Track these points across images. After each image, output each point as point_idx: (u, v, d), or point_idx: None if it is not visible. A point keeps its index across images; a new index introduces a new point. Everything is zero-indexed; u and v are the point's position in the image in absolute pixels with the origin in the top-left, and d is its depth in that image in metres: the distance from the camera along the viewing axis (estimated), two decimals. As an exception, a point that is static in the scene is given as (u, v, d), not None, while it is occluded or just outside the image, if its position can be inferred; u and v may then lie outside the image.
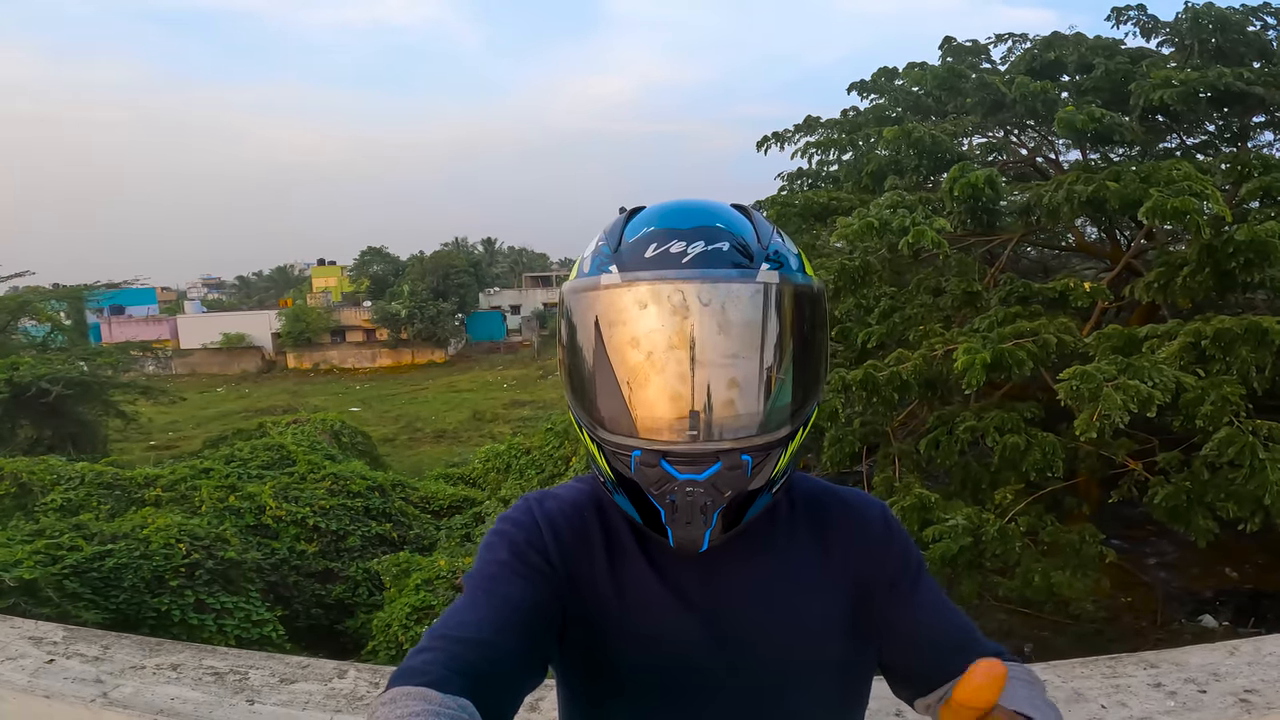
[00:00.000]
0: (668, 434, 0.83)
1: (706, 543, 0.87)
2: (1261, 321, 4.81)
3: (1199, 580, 7.60)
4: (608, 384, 0.86)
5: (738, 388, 0.84)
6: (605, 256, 0.87)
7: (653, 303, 0.82)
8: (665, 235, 0.85)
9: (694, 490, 0.83)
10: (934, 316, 6.87)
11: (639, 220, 0.90)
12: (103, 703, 1.87)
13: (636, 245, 0.86)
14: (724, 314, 0.82)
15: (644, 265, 0.84)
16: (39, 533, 8.07)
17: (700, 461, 0.82)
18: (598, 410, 0.88)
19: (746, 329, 0.83)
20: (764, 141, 9.38)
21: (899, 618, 0.97)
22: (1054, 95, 8.03)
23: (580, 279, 0.89)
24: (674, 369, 0.82)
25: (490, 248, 68.54)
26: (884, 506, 1.05)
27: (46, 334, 21.83)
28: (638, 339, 0.83)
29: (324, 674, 1.99)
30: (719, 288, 0.82)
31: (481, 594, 0.86)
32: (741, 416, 0.84)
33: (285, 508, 10.56)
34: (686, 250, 0.83)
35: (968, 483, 6.02)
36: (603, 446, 0.88)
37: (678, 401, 0.83)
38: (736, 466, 0.83)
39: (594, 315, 0.86)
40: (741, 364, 0.83)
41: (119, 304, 47.15)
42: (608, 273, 0.85)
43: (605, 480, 0.91)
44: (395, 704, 0.68)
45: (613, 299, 0.84)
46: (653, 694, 0.92)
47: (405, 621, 8.00)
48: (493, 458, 14.15)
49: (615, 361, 0.85)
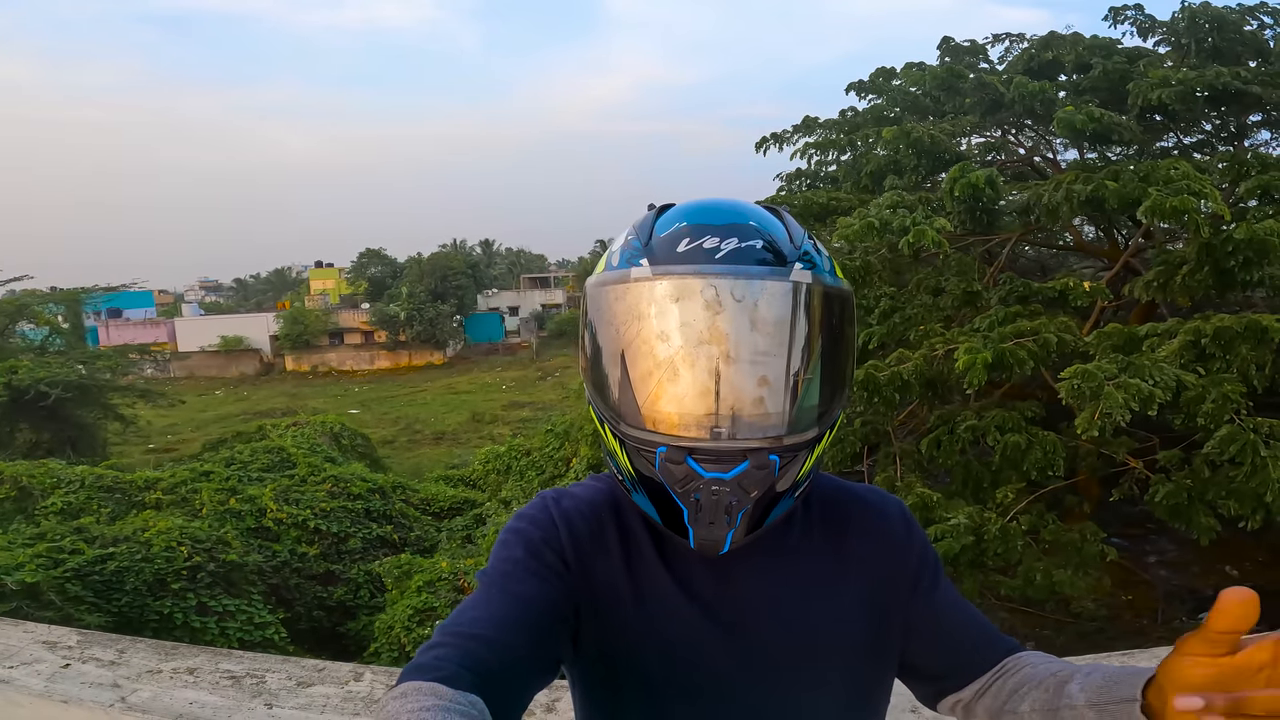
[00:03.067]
0: (695, 430, 0.82)
1: (728, 544, 0.85)
2: (1261, 319, 4.83)
3: (1199, 578, 7.62)
4: (634, 379, 0.85)
5: (768, 386, 0.82)
6: (636, 250, 0.86)
7: (685, 296, 0.81)
8: (698, 231, 0.85)
9: (719, 489, 0.82)
10: (934, 316, 6.88)
11: (670, 216, 0.89)
12: (121, 707, 1.88)
13: (669, 240, 0.85)
14: (756, 311, 0.81)
15: (676, 259, 0.83)
16: (40, 536, 8.06)
17: (727, 460, 0.81)
18: (622, 406, 0.86)
19: (778, 327, 0.82)
20: (763, 142, 9.40)
21: (922, 617, 0.97)
22: (1052, 95, 8.05)
23: (609, 272, 0.88)
24: (704, 364, 0.81)
25: (488, 249, 68.50)
26: (902, 505, 1.04)
27: (44, 337, 21.76)
28: (668, 333, 0.82)
29: (340, 677, 1.99)
30: (753, 284, 0.81)
31: (495, 591, 0.86)
32: (771, 416, 0.83)
33: (286, 510, 10.54)
34: (720, 246, 0.83)
35: (969, 482, 6.04)
36: (625, 442, 0.86)
37: (707, 398, 0.81)
38: (764, 466, 0.82)
39: (623, 308, 0.85)
40: (772, 362, 0.82)
41: (116, 307, 47.08)
42: (638, 266, 0.84)
43: (625, 479, 0.90)
44: (406, 698, 0.67)
45: (644, 292, 0.83)
46: (667, 695, 0.92)
47: (407, 623, 7.99)
48: (493, 459, 14.12)
49: (644, 354, 0.83)
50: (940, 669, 0.98)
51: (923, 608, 0.97)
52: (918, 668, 1.00)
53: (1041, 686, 0.86)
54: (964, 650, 0.96)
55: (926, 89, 9.27)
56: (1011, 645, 0.97)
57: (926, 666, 0.99)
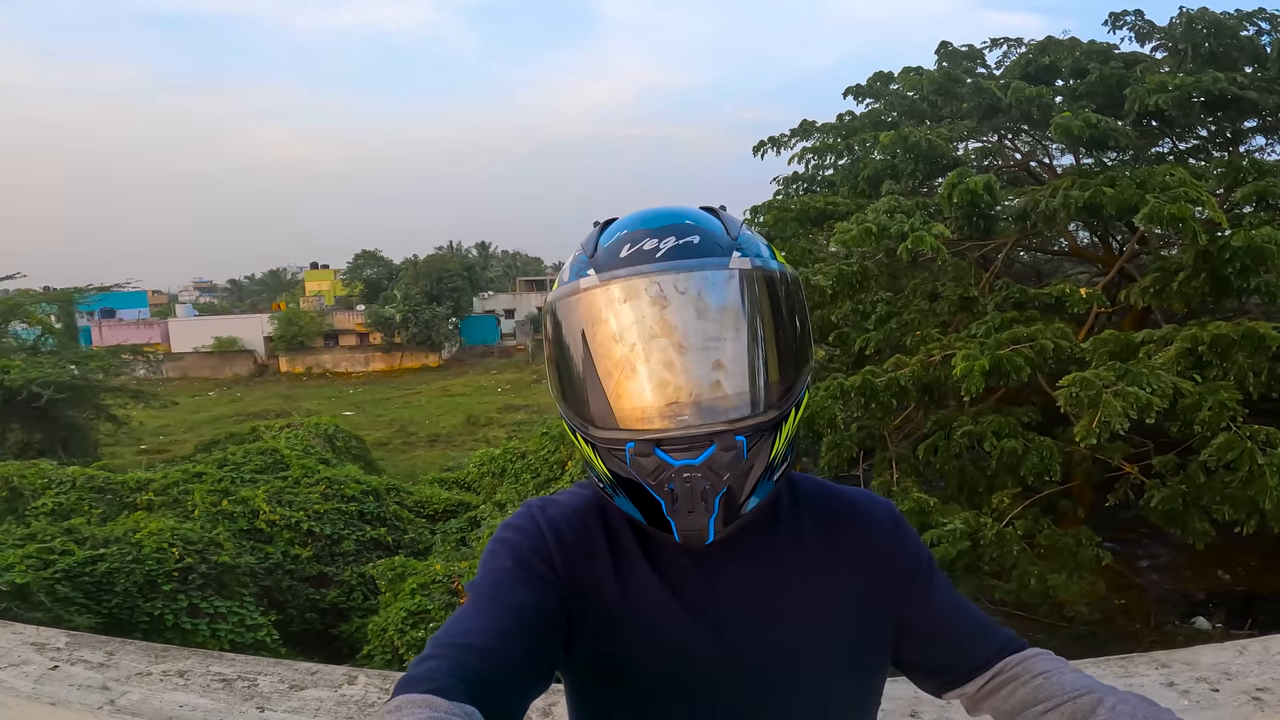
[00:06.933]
0: (659, 421, 0.84)
1: (712, 533, 0.87)
2: (1258, 327, 4.84)
3: (1192, 582, 7.64)
4: (596, 382, 0.87)
5: (723, 369, 0.85)
6: (583, 263, 0.90)
7: (632, 297, 0.85)
8: (638, 235, 0.88)
9: (692, 476, 0.83)
10: (930, 321, 6.89)
11: (612, 228, 0.93)
12: (110, 710, 1.85)
13: (612, 248, 0.88)
14: (701, 300, 0.85)
15: (620, 264, 0.86)
16: (30, 537, 7.99)
17: (695, 446, 0.83)
18: (588, 410, 0.89)
19: (725, 313, 0.86)
20: (760, 146, 9.42)
21: (916, 616, 0.98)
22: (1049, 100, 8.07)
23: (561, 287, 0.91)
24: (658, 357, 0.84)
25: (484, 252, 68.51)
26: (892, 506, 1.05)
27: (37, 337, 21.62)
28: (621, 333, 0.85)
29: (334, 680, 1.97)
30: (694, 276, 0.85)
31: (486, 601, 0.87)
32: (730, 397, 0.85)
33: (279, 512, 10.49)
34: (659, 246, 0.86)
35: (965, 487, 6.05)
36: (597, 446, 0.89)
37: (665, 388, 0.84)
38: (731, 448, 0.84)
39: (577, 318, 0.88)
40: (724, 346, 0.85)
41: (110, 307, 46.90)
42: (586, 276, 0.87)
43: (604, 483, 0.92)
44: (401, 712, 0.68)
45: (593, 299, 0.87)
46: (658, 697, 0.92)
47: (401, 626, 7.95)
48: (487, 462, 14.06)
49: (601, 357, 0.86)
50: (939, 666, 0.99)
51: (916, 607, 0.98)
52: (917, 665, 1.01)
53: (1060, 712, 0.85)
54: (961, 648, 0.97)
55: (924, 93, 9.29)
56: (1009, 640, 0.97)
57: (926, 664, 1.00)
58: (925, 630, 0.98)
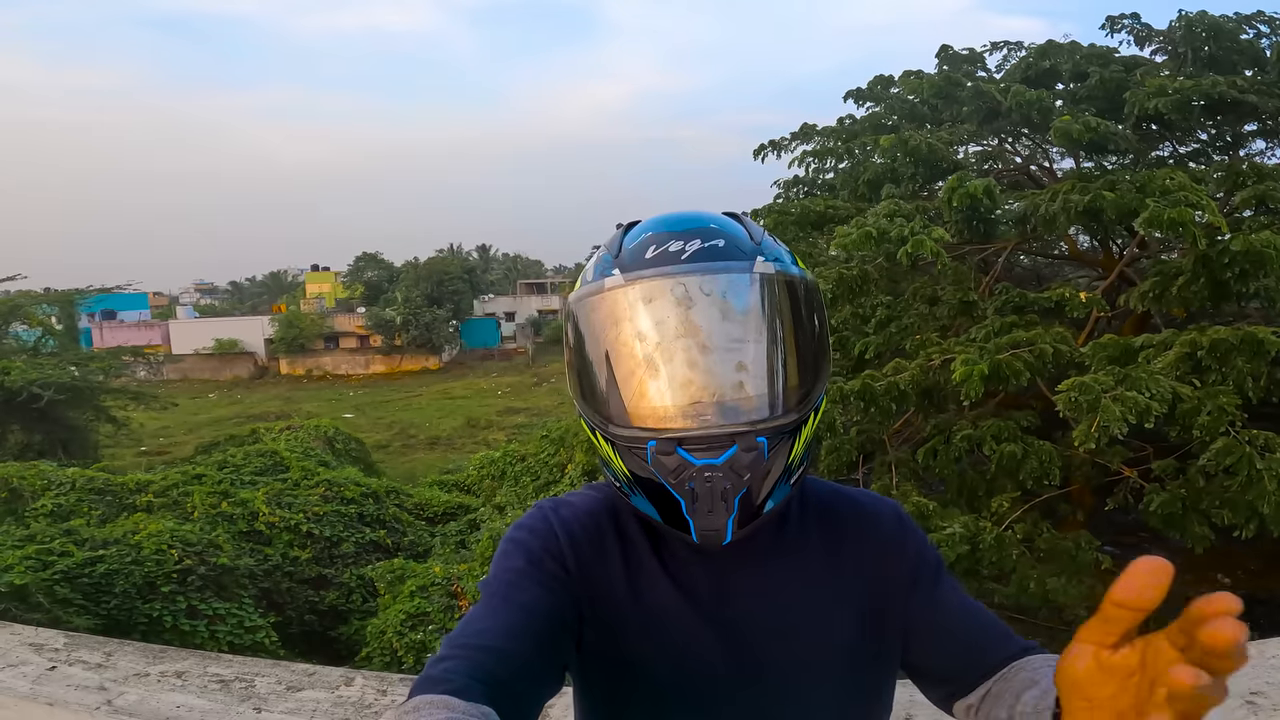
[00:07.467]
0: (681, 420, 0.85)
1: (730, 534, 0.87)
2: (1257, 332, 4.84)
3: (1191, 586, 7.60)
4: (619, 380, 0.88)
5: (746, 370, 0.86)
6: (608, 263, 0.91)
7: (657, 297, 0.86)
8: (663, 237, 0.89)
9: (713, 475, 0.84)
10: (930, 326, 6.88)
11: (636, 230, 0.94)
12: (107, 710, 1.85)
13: (637, 249, 0.90)
14: (725, 302, 0.86)
15: (646, 265, 0.88)
16: (30, 538, 8.01)
17: (716, 446, 0.84)
18: (609, 408, 0.90)
19: (748, 315, 0.87)
20: (761, 150, 9.41)
21: (923, 617, 0.97)
22: (1049, 104, 8.06)
23: (585, 286, 0.92)
24: (682, 356, 0.85)
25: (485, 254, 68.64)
26: (896, 506, 1.06)
27: (37, 338, 21.63)
28: (645, 332, 0.86)
29: (331, 681, 1.97)
30: (719, 279, 0.86)
31: (499, 601, 0.87)
32: (753, 399, 0.86)
33: (278, 514, 10.52)
34: (684, 248, 0.87)
35: (964, 491, 6.04)
36: (616, 444, 0.89)
37: (689, 388, 0.85)
38: (752, 449, 0.84)
39: (601, 316, 0.90)
40: (746, 348, 0.87)
41: (110, 309, 46.93)
42: (611, 275, 0.89)
43: (621, 482, 0.92)
44: (419, 712, 0.67)
45: (618, 298, 0.88)
46: (668, 699, 0.92)
47: (400, 628, 7.95)
48: (487, 465, 14.06)
49: (625, 355, 0.88)
50: (946, 671, 0.97)
51: (922, 608, 0.97)
52: (924, 670, 0.99)
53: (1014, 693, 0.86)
54: (969, 651, 0.95)
55: (924, 97, 9.28)
56: (1022, 645, 0.94)
57: (933, 669, 0.99)
58: (931, 632, 0.97)
